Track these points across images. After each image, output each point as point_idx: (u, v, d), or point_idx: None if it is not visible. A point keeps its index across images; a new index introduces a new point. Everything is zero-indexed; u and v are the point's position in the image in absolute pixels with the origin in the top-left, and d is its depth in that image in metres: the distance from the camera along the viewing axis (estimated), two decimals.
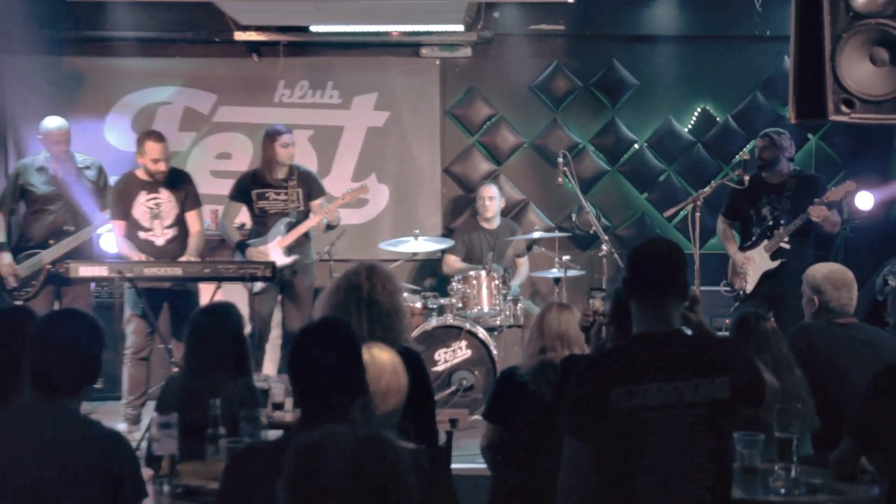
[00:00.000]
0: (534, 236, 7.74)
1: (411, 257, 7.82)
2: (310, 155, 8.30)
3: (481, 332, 7.01)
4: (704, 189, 6.82)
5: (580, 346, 4.22)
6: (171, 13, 8.23)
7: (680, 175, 8.59)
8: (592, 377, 3.06)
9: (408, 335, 4.09)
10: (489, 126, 8.61)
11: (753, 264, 6.66)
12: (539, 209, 8.60)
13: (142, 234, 6.72)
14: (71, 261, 6.23)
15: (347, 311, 3.86)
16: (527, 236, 7.81)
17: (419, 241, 7.52)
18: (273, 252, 6.80)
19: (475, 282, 7.16)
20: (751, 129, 8.12)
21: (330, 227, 7.07)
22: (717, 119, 8.58)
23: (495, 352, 6.98)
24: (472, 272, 7.26)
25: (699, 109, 8.59)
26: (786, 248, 6.56)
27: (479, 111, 8.59)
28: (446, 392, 6.81)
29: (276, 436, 3.38)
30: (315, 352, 2.73)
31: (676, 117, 8.56)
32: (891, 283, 7.00)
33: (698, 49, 8.48)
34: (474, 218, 8.00)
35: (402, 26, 8.27)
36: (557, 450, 3.11)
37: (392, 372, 3.14)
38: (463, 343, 6.97)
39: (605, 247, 7.26)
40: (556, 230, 8.19)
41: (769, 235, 6.62)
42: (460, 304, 7.15)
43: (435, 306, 7.24)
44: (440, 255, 8.01)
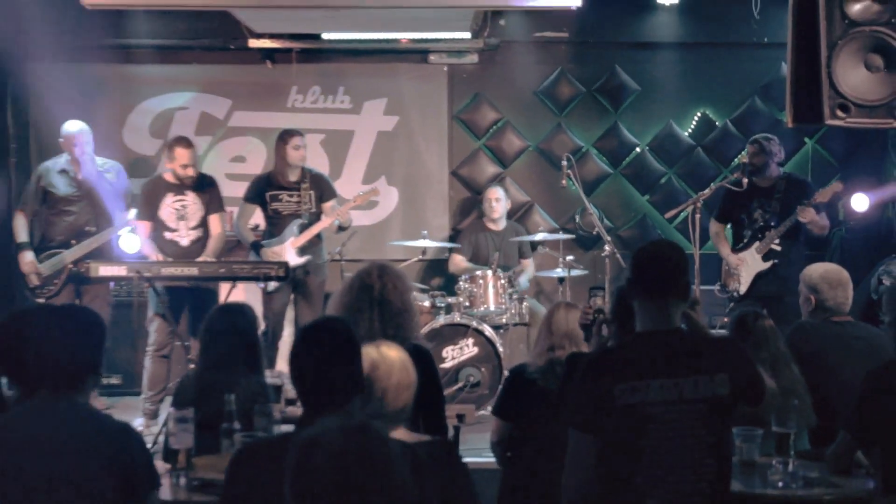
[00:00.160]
0: (538, 237, 7.75)
1: (420, 256, 7.82)
2: (321, 158, 8.30)
3: (488, 330, 7.01)
4: (704, 191, 6.82)
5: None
6: (188, 22, 8.24)
7: (680, 178, 8.58)
8: (596, 373, 3.06)
9: (418, 333, 4.09)
10: (495, 130, 8.61)
11: (746, 266, 6.65)
12: (544, 211, 8.59)
13: (168, 235, 6.74)
14: (91, 261, 6.25)
15: (360, 309, 3.87)
16: (531, 237, 7.81)
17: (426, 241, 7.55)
18: (286, 252, 6.82)
19: (482, 281, 7.16)
20: (749, 133, 8.04)
21: (342, 228, 7.09)
22: (717, 123, 8.56)
23: (501, 349, 6.98)
24: (479, 272, 7.26)
25: (699, 114, 8.57)
26: (777, 249, 6.56)
27: (486, 116, 8.59)
28: (454, 388, 6.80)
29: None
30: (314, 351, 2.75)
31: (677, 122, 8.55)
32: (885, 283, 6.98)
33: (698, 56, 8.47)
34: (480, 219, 8.00)
35: (411, 34, 8.27)
36: (566, 445, 3.11)
37: (401, 368, 3.14)
38: (470, 340, 6.96)
39: (607, 247, 7.27)
40: (561, 231, 8.18)
41: (760, 237, 6.61)
42: (467, 303, 7.15)
43: (443, 305, 7.24)
44: (448, 254, 8.03)
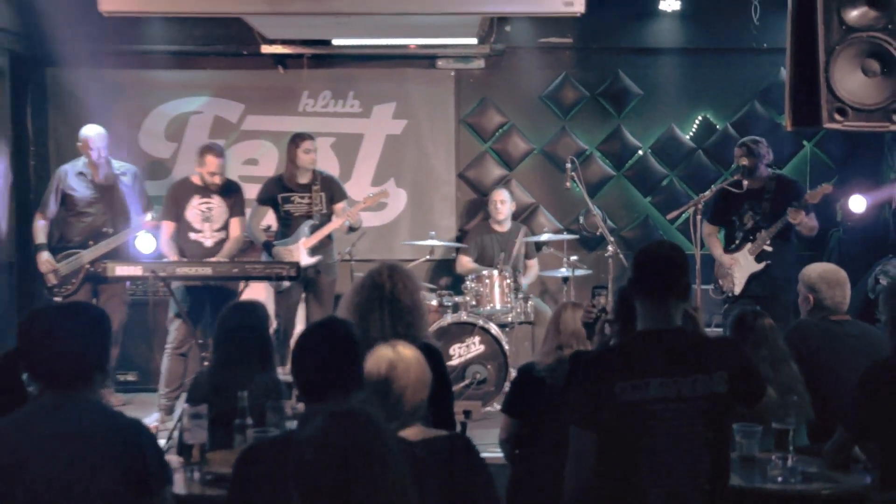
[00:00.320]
0: (543, 238, 7.74)
1: (429, 256, 7.84)
2: (332, 161, 8.31)
3: (494, 329, 7.00)
4: (705, 193, 6.78)
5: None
6: (203, 28, 8.25)
7: (682, 180, 8.56)
8: (597, 372, 3.06)
9: (427, 331, 4.09)
10: (501, 133, 8.60)
11: (739, 266, 6.63)
12: (548, 212, 8.58)
13: (192, 235, 6.76)
14: (108, 261, 6.26)
15: (371, 308, 3.86)
16: (536, 238, 7.81)
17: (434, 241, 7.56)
18: (298, 252, 6.82)
19: (488, 280, 7.16)
20: (749, 136, 8.07)
21: (352, 229, 7.09)
22: (717, 127, 8.54)
23: (507, 347, 6.97)
24: (485, 271, 7.26)
25: (700, 118, 8.55)
26: (769, 250, 6.53)
27: (492, 119, 8.58)
28: (460, 385, 6.80)
29: None
30: (313, 350, 2.78)
31: (678, 125, 8.53)
32: (882, 282, 6.96)
33: (699, 61, 8.45)
34: (486, 221, 8.00)
35: (420, 40, 8.27)
36: None
37: (418, 366, 3.17)
38: (476, 338, 6.96)
39: (610, 248, 7.26)
40: (565, 232, 8.18)
41: (752, 238, 6.59)
42: (474, 302, 7.15)
43: (450, 304, 7.24)
44: (455, 254, 8.02)
